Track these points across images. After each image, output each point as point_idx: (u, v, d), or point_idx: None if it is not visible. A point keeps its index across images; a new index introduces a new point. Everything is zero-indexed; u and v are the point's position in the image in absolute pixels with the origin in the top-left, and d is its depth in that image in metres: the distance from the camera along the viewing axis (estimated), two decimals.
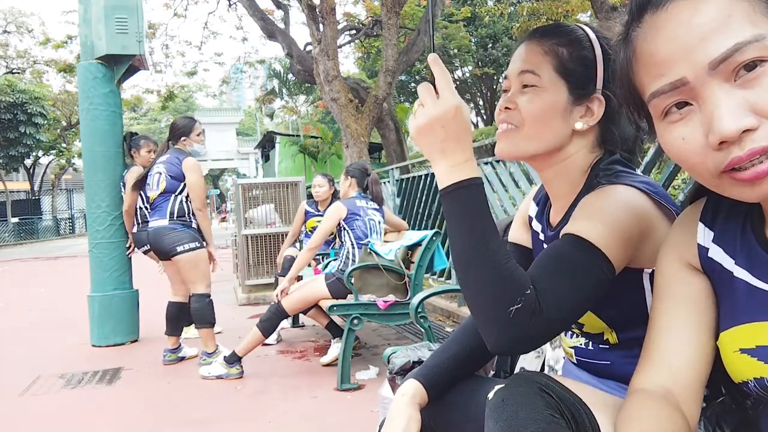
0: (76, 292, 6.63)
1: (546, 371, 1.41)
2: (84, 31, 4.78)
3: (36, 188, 33.24)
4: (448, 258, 4.28)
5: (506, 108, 1.04)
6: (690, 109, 0.67)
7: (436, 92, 0.93)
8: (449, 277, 5.30)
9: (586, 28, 1.05)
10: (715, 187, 0.68)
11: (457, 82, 20.92)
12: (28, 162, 30.83)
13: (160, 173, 3.85)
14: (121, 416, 3.03)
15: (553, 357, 1.38)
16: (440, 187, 0.93)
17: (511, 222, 1.72)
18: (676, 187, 3.91)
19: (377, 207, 3.86)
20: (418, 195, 5.79)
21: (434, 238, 3.45)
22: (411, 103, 21.12)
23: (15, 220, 29.16)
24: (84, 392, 3.47)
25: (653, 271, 0.92)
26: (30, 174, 32.30)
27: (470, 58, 18.40)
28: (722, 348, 0.76)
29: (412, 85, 20.76)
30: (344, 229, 3.71)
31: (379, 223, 3.82)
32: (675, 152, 0.69)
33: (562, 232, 0.94)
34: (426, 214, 5.59)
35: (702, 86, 0.64)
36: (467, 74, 20.06)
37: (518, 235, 1.24)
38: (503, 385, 0.88)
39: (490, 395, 0.88)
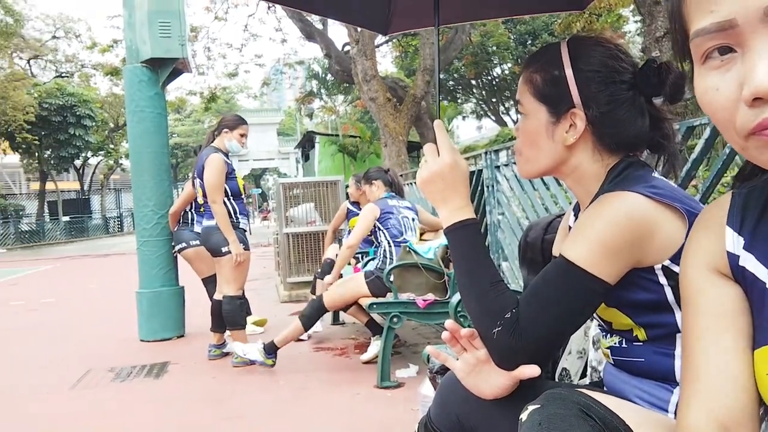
0: (125, 289, 6.84)
1: (589, 372, 1.39)
2: (129, 36, 4.92)
3: (86, 188, 34.38)
4: None
5: (517, 135, 1.17)
6: (733, 56, 0.59)
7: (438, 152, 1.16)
8: None
9: (563, 48, 1.10)
10: (741, 149, 0.61)
11: (496, 80, 20.72)
12: (78, 162, 31.91)
13: (195, 179, 3.96)
14: (168, 410, 3.12)
15: (595, 358, 1.36)
16: (443, 227, 1.14)
17: (551, 221, 1.71)
18: (725, 184, 3.78)
19: (410, 206, 3.91)
20: None
21: None
22: (450, 102, 21.01)
23: (66, 218, 30.24)
24: (132, 385, 3.58)
25: (663, 266, 0.95)
26: (80, 174, 33.43)
27: (509, 55, 18.19)
28: (755, 366, 0.68)
29: (450, 83, 20.65)
30: (379, 228, 3.75)
31: (413, 220, 3.85)
32: (706, 103, 0.62)
33: (557, 251, 1.01)
34: None
35: (751, 33, 0.56)
36: (506, 72, 19.83)
37: (560, 245, 1.25)
38: (539, 406, 0.86)
39: (523, 416, 0.87)
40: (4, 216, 25.27)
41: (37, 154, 27.85)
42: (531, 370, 0.99)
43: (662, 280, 0.96)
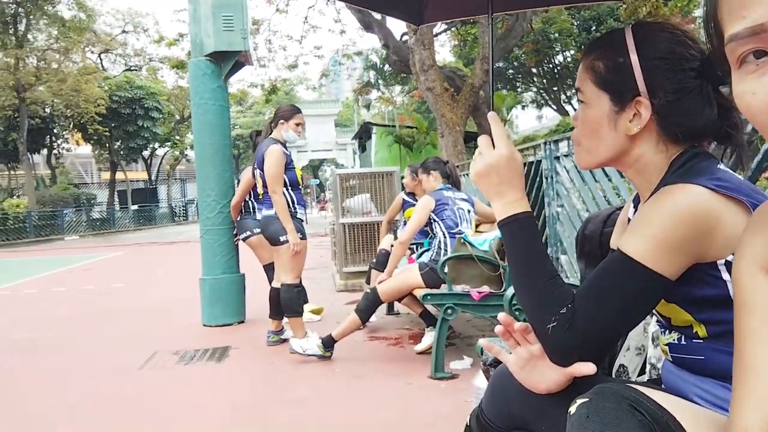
0: (189, 275, 7.11)
1: (648, 369, 1.36)
2: (194, 29, 5.07)
3: (153, 178, 35.81)
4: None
5: (575, 125, 1.14)
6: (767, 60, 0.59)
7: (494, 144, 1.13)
8: None
9: (628, 34, 1.05)
10: None
11: (558, 68, 20.21)
12: (146, 153, 33.26)
13: (256, 169, 4.06)
14: (229, 392, 3.24)
15: (654, 355, 1.33)
16: (497, 221, 1.12)
17: (610, 213, 1.67)
18: None
19: (466, 197, 3.88)
20: None
21: None
22: (509, 90, 20.64)
23: (134, 207, 31.59)
24: (196, 368, 3.73)
25: (726, 261, 0.91)
26: (147, 164, 34.85)
27: (572, 42, 17.69)
28: None
29: (510, 71, 20.29)
30: (434, 220, 3.75)
31: (469, 212, 3.82)
32: (744, 107, 0.62)
33: (614, 243, 0.98)
34: None
35: None
36: (569, 59, 19.30)
37: (618, 239, 1.21)
38: (587, 399, 0.85)
39: (572, 409, 0.86)
40: (77, 204, 26.63)
41: (107, 145, 29.20)
42: (586, 368, 0.97)
43: (725, 275, 0.92)
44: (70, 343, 4.66)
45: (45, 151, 28.31)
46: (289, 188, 3.97)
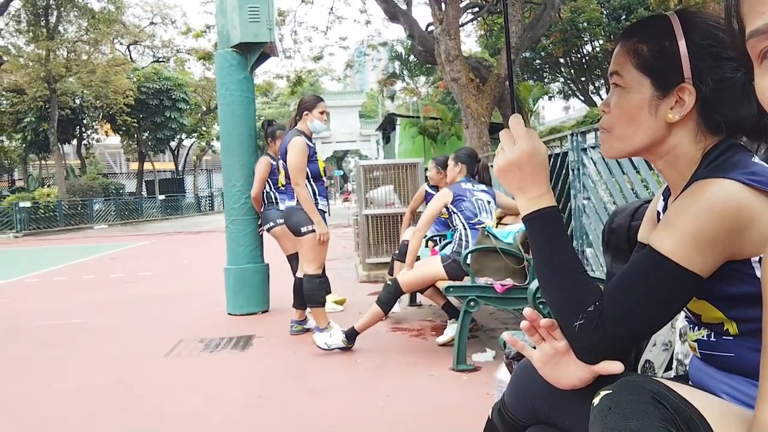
0: (214, 264, 7.19)
1: (674, 365, 1.33)
2: (220, 21, 5.10)
3: (180, 168, 36.25)
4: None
5: (603, 111, 1.09)
6: None
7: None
8: None
9: (674, 19, 1.02)
10: None
11: (586, 58, 19.89)
12: (173, 144, 33.66)
13: (279, 160, 4.08)
14: (253, 381, 3.28)
15: (682, 351, 1.30)
16: (521, 216, 1.09)
17: (638, 207, 1.63)
18: None
19: (486, 189, 3.84)
20: None
21: None
22: (535, 81, 20.38)
23: (162, 197, 32.02)
24: (220, 356, 3.78)
25: (761, 258, 0.88)
26: (175, 155, 35.29)
27: (601, 31, 17.36)
28: None
29: (537, 61, 20.01)
30: (453, 212, 3.74)
31: (489, 203, 3.79)
32: (766, 101, 0.62)
33: (644, 239, 0.97)
34: None
35: None
36: (597, 49, 18.97)
37: (647, 233, 1.19)
38: (610, 391, 0.85)
39: (595, 401, 0.86)
40: (106, 194, 27.08)
41: (135, 135, 29.64)
42: (614, 367, 0.96)
43: (759, 273, 0.90)
44: (98, 329, 4.76)
45: (75, 142, 28.84)
46: (311, 180, 3.98)
